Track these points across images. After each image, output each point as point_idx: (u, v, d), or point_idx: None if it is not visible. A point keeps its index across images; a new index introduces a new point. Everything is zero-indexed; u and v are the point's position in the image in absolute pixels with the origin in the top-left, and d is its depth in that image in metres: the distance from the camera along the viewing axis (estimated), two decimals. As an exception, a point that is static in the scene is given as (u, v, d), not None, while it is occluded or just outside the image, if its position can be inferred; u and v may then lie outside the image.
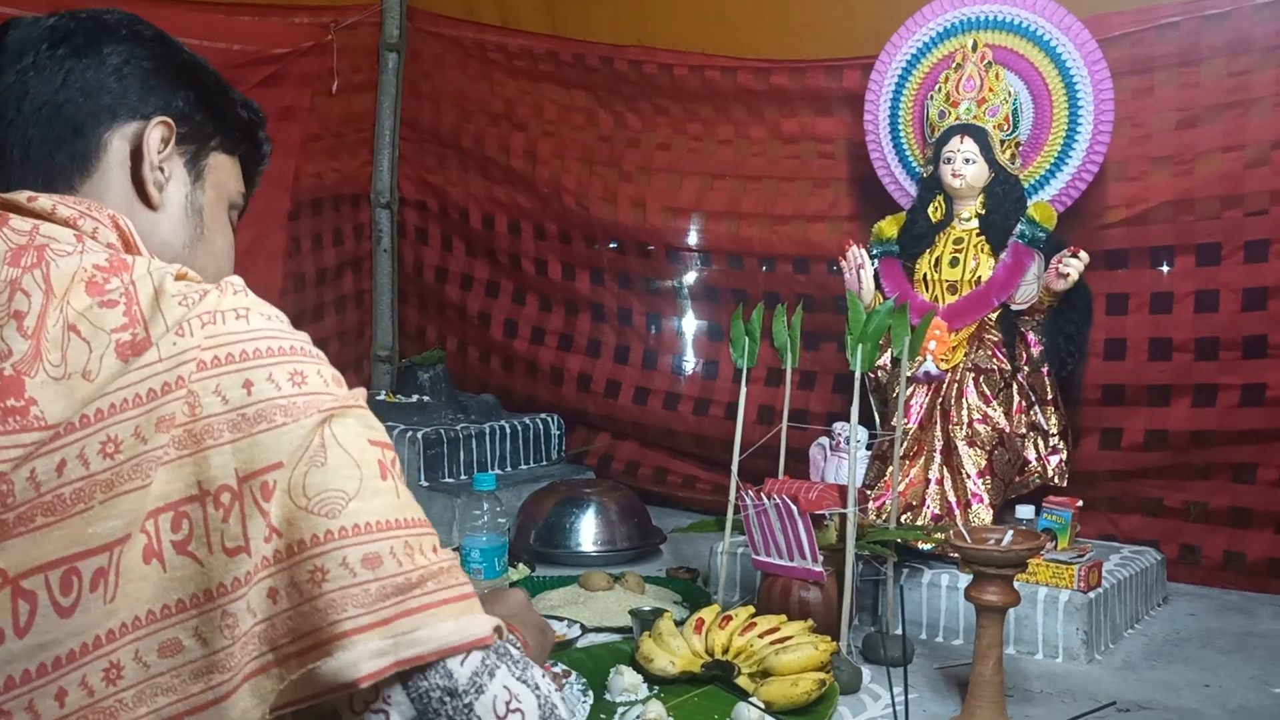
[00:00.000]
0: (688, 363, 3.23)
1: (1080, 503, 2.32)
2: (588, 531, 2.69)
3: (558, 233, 3.39)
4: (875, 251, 2.53)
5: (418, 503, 0.86)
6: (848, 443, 2.15)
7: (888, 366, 2.40)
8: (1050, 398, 2.41)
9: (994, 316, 2.42)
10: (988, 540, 1.77)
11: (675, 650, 1.88)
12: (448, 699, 0.80)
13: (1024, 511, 2.29)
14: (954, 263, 2.45)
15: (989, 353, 2.39)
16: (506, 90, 3.43)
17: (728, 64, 3.04)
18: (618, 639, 2.08)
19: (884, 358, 2.35)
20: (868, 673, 1.94)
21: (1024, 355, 2.40)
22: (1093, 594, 2.10)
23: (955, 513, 2.25)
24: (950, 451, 2.31)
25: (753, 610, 1.98)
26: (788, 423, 2.19)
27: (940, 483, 2.30)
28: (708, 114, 3.13)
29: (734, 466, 2.16)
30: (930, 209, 2.50)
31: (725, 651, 1.89)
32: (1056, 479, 2.38)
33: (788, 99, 2.99)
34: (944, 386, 2.37)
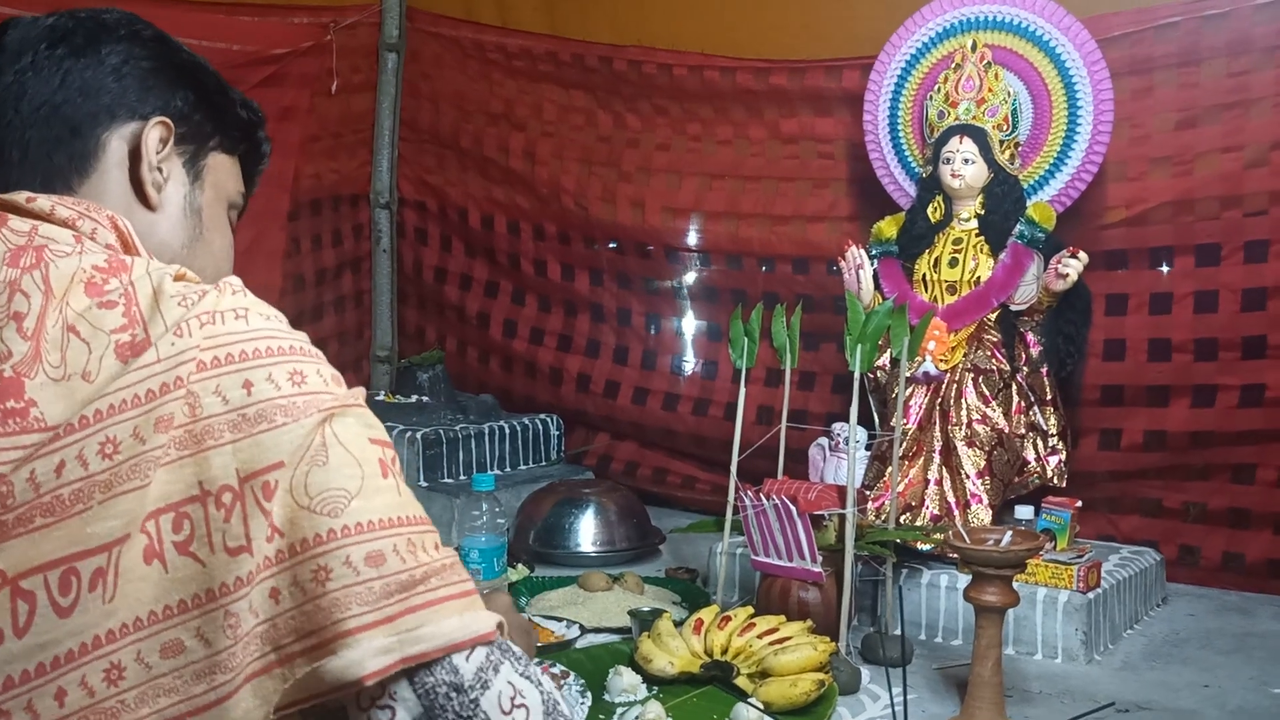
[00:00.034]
0: (687, 363, 3.23)
1: (1079, 503, 2.32)
2: (587, 532, 2.69)
3: (557, 233, 3.38)
4: (874, 252, 2.53)
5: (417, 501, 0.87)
6: (847, 443, 2.15)
7: (887, 367, 2.40)
8: (1049, 398, 2.41)
9: (993, 317, 2.42)
10: (987, 541, 1.77)
11: (674, 651, 1.88)
12: (454, 694, 0.80)
13: (1023, 512, 2.29)
14: (953, 263, 2.45)
15: (988, 353, 2.39)
16: (506, 90, 3.43)
17: (727, 64, 3.04)
18: (617, 639, 2.08)
19: (883, 358, 2.35)
20: (867, 673, 1.94)
21: (1023, 356, 2.40)
22: (1092, 594, 2.10)
23: (954, 513, 2.25)
24: (949, 452, 2.31)
25: (752, 611, 1.98)
26: (787, 423, 2.20)
27: (939, 483, 2.30)
28: (707, 114, 3.13)
29: (733, 467, 2.16)
30: (929, 209, 2.50)
31: (724, 652, 1.89)
32: (1056, 479, 2.38)
33: (787, 99, 2.99)
34: (943, 387, 2.37)
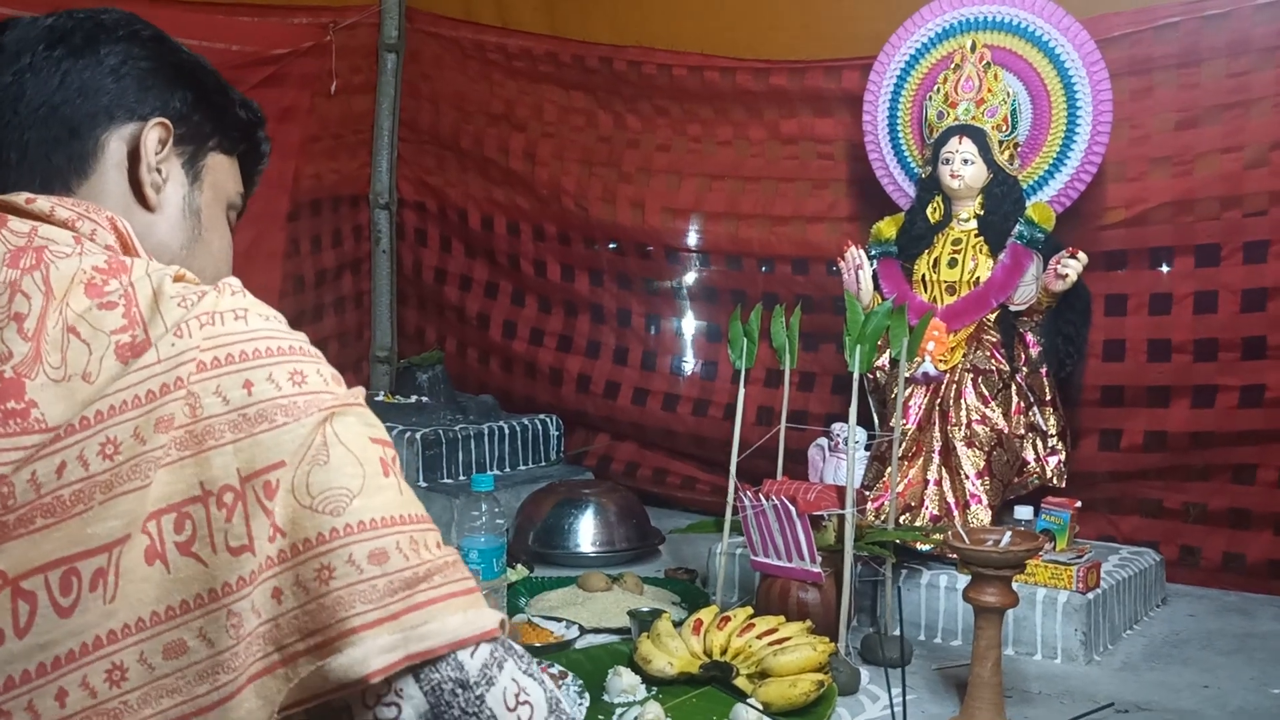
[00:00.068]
0: (687, 364, 3.23)
1: (1079, 504, 2.32)
2: (586, 532, 2.69)
3: (557, 234, 3.38)
4: (874, 252, 2.53)
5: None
6: (846, 443, 2.15)
7: (886, 367, 2.39)
8: (1049, 398, 2.41)
9: (993, 317, 2.42)
10: (986, 541, 1.77)
11: (673, 651, 1.88)
12: (460, 691, 0.80)
13: (1023, 512, 2.29)
14: (952, 263, 2.45)
15: (987, 353, 2.39)
16: (506, 91, 3.43)
17: (727, 65, 3.04)
18: (616, 640, 2.08)
19: (882, 358, 2.35)
20: (866, 674, 1.94)
21: (1023, 356, 2.40)
22: (1091, 595, 2.10)
23: (954, 514, 2.25)
24: (949, 452, 2.31)
25: (751, 611, 1.98)
26: (786, 424, 2.20)
27: (939, 484, 2.30)
28: (707, 115, 3.13)
29: (733, 467, 2.17)
30: (929, 210, 2.50)
31: (723, 652, 1.89)
32: (1055, 480, 2.38)
33: (787, 100, 2.99)
34: (942, 387, 2.37)
